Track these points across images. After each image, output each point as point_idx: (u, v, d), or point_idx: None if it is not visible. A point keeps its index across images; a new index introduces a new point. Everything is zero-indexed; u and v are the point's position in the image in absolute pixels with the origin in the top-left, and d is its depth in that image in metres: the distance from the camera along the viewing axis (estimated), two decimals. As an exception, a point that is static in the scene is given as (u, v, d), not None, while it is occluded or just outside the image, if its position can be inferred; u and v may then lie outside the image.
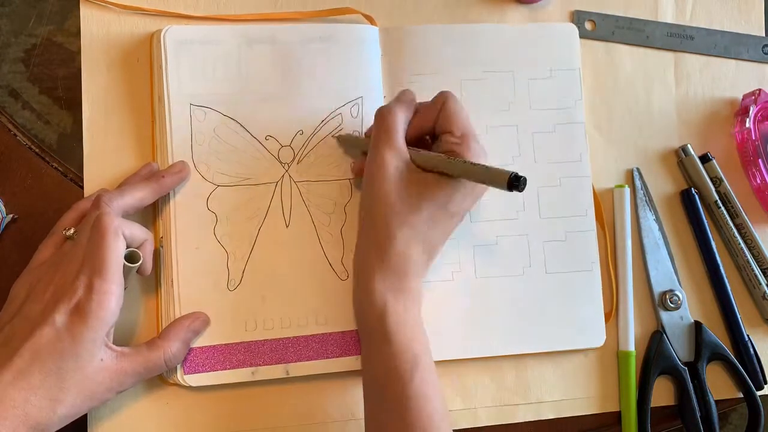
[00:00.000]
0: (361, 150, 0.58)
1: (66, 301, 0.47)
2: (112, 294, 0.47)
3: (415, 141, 0.55)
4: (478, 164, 0.51)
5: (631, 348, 0.61)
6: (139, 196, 0.52)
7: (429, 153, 0.53)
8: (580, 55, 0.63)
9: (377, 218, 0.52)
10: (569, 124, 0.62)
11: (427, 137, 0.56)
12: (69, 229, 0.52)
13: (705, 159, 0.64)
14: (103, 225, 0.48)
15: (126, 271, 0.50)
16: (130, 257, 0.50)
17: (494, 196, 0.59)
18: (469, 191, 0.53)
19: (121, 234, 0.49)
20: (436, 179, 0.52)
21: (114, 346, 0.49)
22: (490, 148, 0.57)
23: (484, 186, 0.53)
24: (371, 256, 0.52)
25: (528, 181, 0.47)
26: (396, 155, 0.53)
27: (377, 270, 0.51)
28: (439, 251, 0.54)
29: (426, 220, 0.52)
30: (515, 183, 0.47)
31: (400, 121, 0.54)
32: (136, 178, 0.55)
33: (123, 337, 0.54)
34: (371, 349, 0.52)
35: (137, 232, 0.51)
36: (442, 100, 0.54)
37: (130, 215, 0.52)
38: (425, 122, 0.55)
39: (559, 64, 0.62)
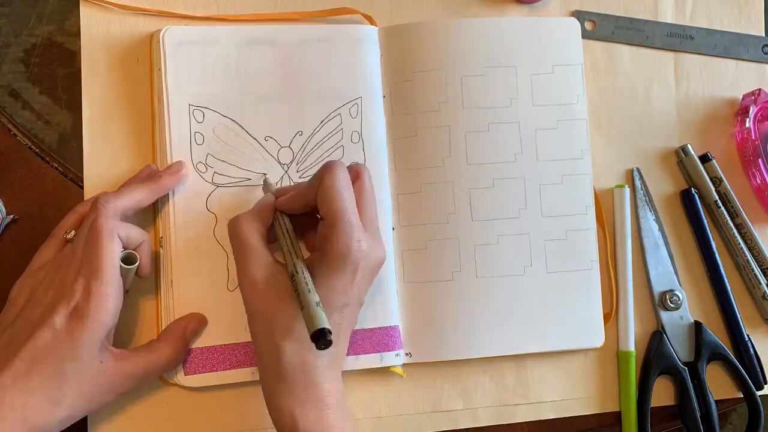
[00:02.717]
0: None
1: (65, 303, 0.47)
2: (109, 296, 0.47)
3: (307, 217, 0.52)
4: (303, 297, 0.46)
5: (631, 348, 0.61)
6: (136, 197, 0.52)
7: (283, 256, 0.50)
8: (582, 50, 0.62)
9: (260, 337, 0.50)
10: (571, 120, 0.61)
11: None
12: (69, 231, 0.52)
13: (705, 159, 0.64)
14: (97, 227, 0.48)
15: (124, 274, 0.50)
16: (127, 259, 0.50)
17: (495, 195, 0.59)
18: (349, 281, 0.48)
19: (117, 236, 0.49)
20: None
21: (113, 349, 0.50)
22: (493, 146, 0.56)
23: (368, 268, 0.49)
24: (268, 375, 0.49)
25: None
26: (258, 265, 0.50)
27: (277, 388, 0.48)
28: (346, 342, 0.51)
29: None
30: (319, 338, 0.44)
31: (250, 229, 0.50)
32: (135, 181, 0.54)
33: (123, 339, 0.54)
34: None
35: (134, 233, 0.51)
36: (321, 174, 0.49)
37: (129, 217, 0.52)
38: (308, 199, 0.50)
39: (561, 59, 0.61)
